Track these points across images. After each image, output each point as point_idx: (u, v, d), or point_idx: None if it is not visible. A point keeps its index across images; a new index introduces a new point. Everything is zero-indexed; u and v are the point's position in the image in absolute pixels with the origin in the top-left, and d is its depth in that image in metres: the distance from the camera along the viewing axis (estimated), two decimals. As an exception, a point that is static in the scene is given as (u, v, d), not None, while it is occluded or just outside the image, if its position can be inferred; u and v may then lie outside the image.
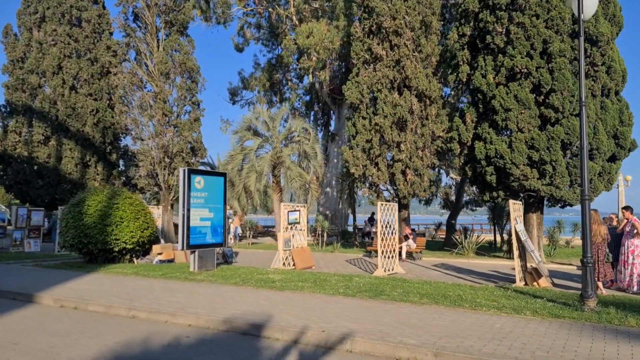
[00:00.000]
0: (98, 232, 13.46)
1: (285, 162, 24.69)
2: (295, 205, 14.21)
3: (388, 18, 16.92)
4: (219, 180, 13.12)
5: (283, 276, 11.33)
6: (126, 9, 24.40)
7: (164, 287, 9.98)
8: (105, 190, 14.35)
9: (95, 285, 10.25)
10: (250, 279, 10.77)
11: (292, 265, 13.81)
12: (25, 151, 26.12)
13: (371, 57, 17.81)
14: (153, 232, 14.88)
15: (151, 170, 23.28)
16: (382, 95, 16.85)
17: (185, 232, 11.90)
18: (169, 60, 24.11)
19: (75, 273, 12.16)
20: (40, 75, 27.20)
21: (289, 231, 13.76)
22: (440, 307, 7.64)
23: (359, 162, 17.30)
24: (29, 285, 10.14)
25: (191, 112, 25.06)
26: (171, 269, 12.87)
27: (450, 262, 16.27)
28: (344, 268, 14.48)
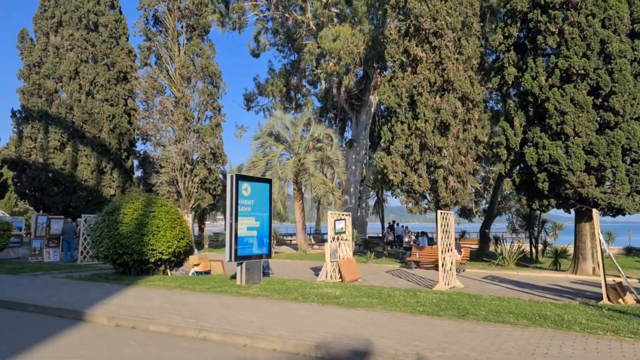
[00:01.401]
0: (134, 242, 12.70)
1: (309, 168, 24.00)
2: (341, 214, 13.50)
3: (428, 19, 16.36)
4: (265, 187, 12.40)
5: (341, 291, 10.58)
6: (147, 13, 23.91)
7: (221, 303, 9.22)
8: (141, 198, 13.61)
9: (145, 300, 9.49)
10: (308, 294, 10.02)
11: (339, 277, 13.07)
12: (40, 157, 25.40)
13: (408, 60, 17.23)
14: (189, 242, 14.13)
15: (173, 177, 22.57)
16: (423, 98, 16.24)
17: (233, 243, 11.15)
18: (190, 65, 23.53)
19: (115, 286, 11.39)
20: (57, 80, 26.56)
21: (335, 241, 13.02)
22: (549, 330, 6.90)
23: (397, 168, 16.64)
24: (72, 301, 9.37)
25: (212, 117, 24.44)
26: (214, 281, 12.10)
27: (498, 274, 15.53)
28: (393, 281, 13.75)
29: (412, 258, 17.04)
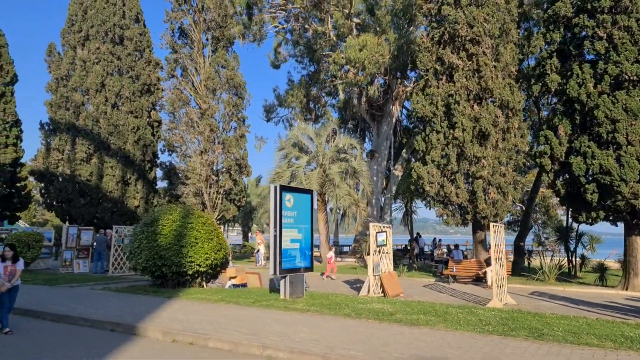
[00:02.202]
0: (173, 253, 12.44)
1: (334, 179, 23.66)
2: (382, 226, 13.10)
3: (464, 26, 16.07)
4: (307, 198, 12.10)
5: (392, 306, 10.15)
6: (174, 26, 24.01)
7: (273, 318, 8.85)
8: (179, 209, 13.39)
9: (193, 314, 9.16)
10: (360, 310, 9.62)
11: (381, 292, 12.62)
12: (67, 169, 25.45)
13: (443, 68, 16.92)
14: (226, 254, 13.83)
15: (199, 188, 22.39)
16: (460, 107, 15.87)
17: (277, 256, 10.82)
18: (216, 77, 23.50)
19: (156, 299, 11.09)
20: (84, 93, 26.75)
21: (377, 255, 12.61)
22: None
23: (433, 179, 16.22)
24: (120, 314, 9.09)
25: (237, 128, 24.32)
26: (256, 295, 11.75)
27: (543, 289, 14.92)
28: (436, 296, 13.25)
29: (449, 272, 16.51)
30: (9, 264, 7.59)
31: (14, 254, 7.66)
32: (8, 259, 7.58)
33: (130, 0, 29.23)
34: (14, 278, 7.64)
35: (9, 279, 7.55)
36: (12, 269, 7.59)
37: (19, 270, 7.80)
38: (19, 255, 7.91)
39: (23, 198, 38.29)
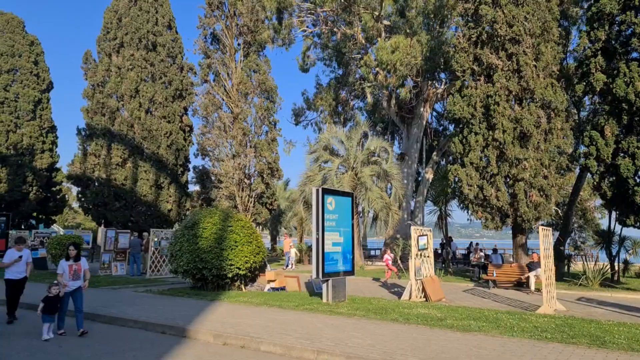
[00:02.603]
0: (214, 256, 12.53)
1: (367, 182, 23.49)
2: (423, 229, 12.89)
3: (504, 25, 15.73)
4: (348, 200, 12.02)
5: (439, 312, 9.94)
6: (206, 32, 24.36)
7: (322, 322, 8.77)
8: (218, 212, 13.50)
9: (240, 317, 9.17)
10: (408, 315, 9.45)
11: (422, 296, 12.39)
12: (103, 173, 26.10)
13: (481, 68, 16.60)
14: (264, 257, 13.86)
15: (232, 191, 22.59)
16: (500, 108, 15.51)
17: (320, 259, 10.76)
18: (248, 81, 23.71)
19: (200, 302, 11.17)
20: (119, 98, 27.43)
21: (419, 258, 12.40)
22: None
23: (472, 181, 15.89)
24: (169, 317, 9.17)
25: (268, 132, 24.46)
26: (297, 298, 11.72)
27: (590, 295, 14.38)
28: (479, 301, 12.92)
29: (489, 277, 16.11)
30: (73, 263, 7.60)
31: (78, 252, 7.70)
32: (72, 258, 7.61)
33: (162, 8, 29.90)
34: (78, 277, 7.64)
35: (73, 278, 7.57)
36: (77, 267, 7.61)
37: (85, 268, 7.78)
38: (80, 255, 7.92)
39: (58, 202, 39.60)
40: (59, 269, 7.68)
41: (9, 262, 8.54)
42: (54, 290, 7.28)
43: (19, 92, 35.49)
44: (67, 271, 7.53)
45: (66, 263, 7.60)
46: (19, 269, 8.69)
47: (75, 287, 7.69)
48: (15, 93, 35.30)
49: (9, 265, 8.54)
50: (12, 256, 8.68)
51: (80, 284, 7.76)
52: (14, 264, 8.58)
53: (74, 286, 7.67)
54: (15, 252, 8.71)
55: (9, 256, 8.66)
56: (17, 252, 8.71)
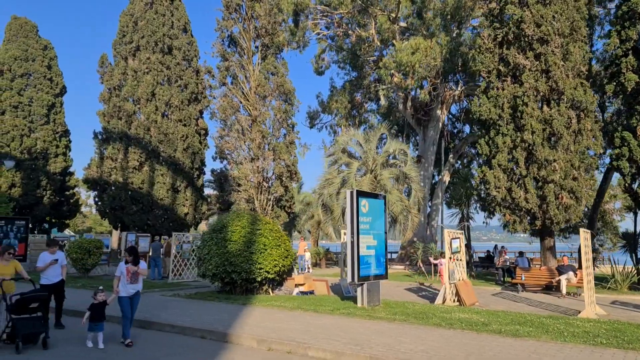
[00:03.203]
0: (243, 260, 12.37)
1: (386, 185, 23.26)
2: (455, 232, 12.65)
3: (531, 25, 15.51)
4: (381, 203, 11.82)
5: (479, 316, 9.70)
6: (224, 34, 24.30)
7: (363, 326, 8.56)
8: (246, 215, 13.35)
9: (279, 322, 8.97)
10: (450, 320, 9.21)
11: (456, 300, 12.14)
12: (120, 177, 26.09)
13: (507, 69, 16.37)
14: (293, 260, 13.68)
15: (251, 194, 22.46)
16: (529, 109, 15.27)
17: (355, 263, 10.55)
18: (266, 83, 23.62)
19: (232, 306, 10.99)
20: (135, 102, 27.47)
21: (452, 262, 12.16)
22: None
23: (500, 183, 15.63)
24: (206, 321, 9.00)
25: (286, 135, 24.33)
26: (329, 302, 11.50)
27: (623, 299, 14.05)
28: (513, 305, 12.65)
29: (518, 280, 15.82)
30: (131, 266, 7.28)
31: (135, 257, 7.32)
32: (129, 263, 7.29)
33: (178, 11, 30.00)
34: (137, 281, 7.30)
35: (132, 281, 7.24)
36: (136, 270, 7.26)
37: (143, 269, 7.40)
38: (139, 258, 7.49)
39: (71, 206, 39.72)
40: (117, 271, 7.35)
41: (44, 266, 8.23)
42: (99, 297, 7.00)
43: (32, 96, 35.69)
44: (124, 273, 7.22)
45: (124, 265, 7.26)
46: (55, 272, 8.41)
47: (134, 291, 7.32)
48: (29, 97, 35.50)
49: (44, 269, 8.23)
50: (47, 259, 8.33)
51: (139, 288, 7.38)
52: (49, 267, 8.29)
53: (133, 290, 7.32)
54: (49, 255, 8.38)
55: (43, 259, 8.33)
56: (50, 255, 8.39)
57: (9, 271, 7.26)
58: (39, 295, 7.05)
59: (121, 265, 7.32)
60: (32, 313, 6.94)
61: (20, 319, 6.74)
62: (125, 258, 7.27)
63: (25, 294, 6.89)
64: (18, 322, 6.69)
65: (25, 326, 6.67)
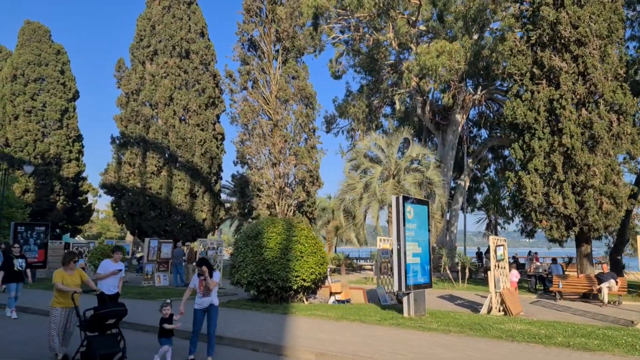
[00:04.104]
0: (280, 267, 11.99)
1: (410, 190, 22.87)
2: (499, 239, 12.24)
3: (567, 26, 15.16)
4: (424, 209, 11.44)
5: (536, 328, 9.27)
6: (245, 38, 24.04)
7: (420, 338, 8.16)
8: (281, 221, 12.99)
9: (330, 333, 8.58)
10: (507, 331, 8.79)
11: (501, 310, 11.71)
12: (138, 182, 25.79)
13: (541, 72, 16.01)
14: (327, 268, 13.28)
15: (272, 200, 22.09)
16: (567, 112, 14.88)
17: (402, 271, 10.16)
18: (288, 87, 23.30)
19: (273, 315, 10.62)
20: (153, 106, 27.21)
21: (497, 269, 11.74)
22: None
23: (537, 188, 15.22)
24: (255, 332, 8.63)
25: (308, 139, 23.97)
26: (371, 311, 11.11)
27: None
28: (560, 315, 12.21)
29: (555, 288, 15.36)
30: (204, 278, 6.71)
31: (209, 269, 6.69)
32: (202, 276, 6.68)
33: (195, 15, 29.81)
34: (209, 293, 6.72)
35: (204, 294, 6.69)
36: (209, 282, 6.67)
37: (216, 281, 6.81)
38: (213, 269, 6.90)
39: (84, 211, 39.45)
40: (191, 283, 6.89)
41: (105, 274, 7.81)
42: (165, 310, 6.50)
43: (45, 101, 35.58)
44: (197, 285, 6.72)
45: (197, 278, 6.74)
46: (113, 283, 7.95)
47: (206, 304, 6.76)
48: (42, 102, 35.39)
49: (105, 277, 7.80)
50: (109, 268, 7.91)
51: (212, 300, 6.76)
52: (110, 276, 7.85)
53: (205, 303, 6.77)
54: (112, 264, 7.97)
55: (105, 267, 7.90)
56: (114, 264, 7.98)
57: (77, 281, 6.71)
58: (117, 311, 6.32)
59: (194, 278, 6.83)
60: (106, 330, 6.31)
61: (96, 337, 6.09)
62: (198, 270, 6.71)
63: (101, 309, 6.24)
64: (94, 340, 6.03)
65: (102, 345, 6.01)
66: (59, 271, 6.68)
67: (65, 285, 6.50)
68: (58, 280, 6.53)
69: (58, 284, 6.49)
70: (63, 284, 6.50)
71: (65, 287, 6.48)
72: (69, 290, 6.48)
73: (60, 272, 6.67)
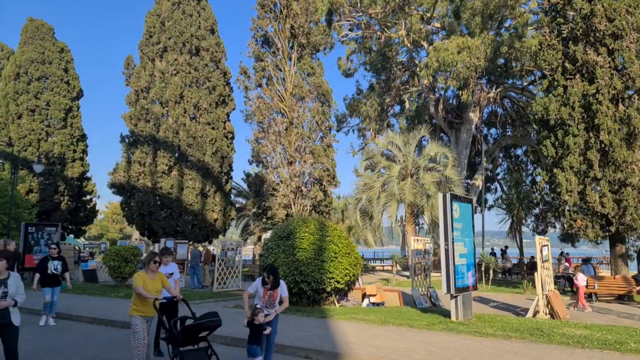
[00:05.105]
0: (314, 269, 11.42)
1: (430, 189, 22.34)
2: (544, 239, 11.71)
3: (603, 19, 14.67)
4: (468, 208, 10.90)
5: (598, 333, 8.74)
6: (259, 34, 23.50)
7: (485, 345, 7.60)
8: (313, 221, 12.42)
9: (381, 339, 8.01)
10: (572, 337, 8.25)
11: (547, 313, 11.18)
12: (149, 182, 25.14)
13: (574, 66, 15.52)
14: (360, 269, 12.73)
15: (289, 199, 21.52)
16: (604, 107, 14.39)
17: (451, 272, 9.62)
18: (304, 84, 22.76)
19: (310, 319, 10.05)
20: (164, 104, 26.58)
21: (544, 271, 11.21)
22: None
23: (572, 186, 14.71)
24: (300, 338, 8.05)
25: (323, 137, 23.41)
26: (413, 315, 10.55)
27: None
28: (607, 319, 11.69)
29: (591, 289, 14.84)
30: (270, 288, 5.98)
31: (275, 278, 5.97)
32: (268, 284, 5.95)
33: (205, 11, 29.21)
34: (273, 305, 5.97)
35: (267, 305, 5.91)
36: (274, 294, 5.96)
37: (284, 296, 6.05)
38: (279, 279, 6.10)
39: (89, 212, 38.71)
40: (250, 287, 6.12)
41: None
42: (260, 317, 5.66)
43: (49, 100, 34.83)
44: (261, 295, 5.97)
45: (262, 287, 6.00)
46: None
47: (270, 316, 5.96)
48: (45, 101, 34.65)
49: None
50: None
51: (272, 313, 5.97)
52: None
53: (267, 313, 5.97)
54: (162, 268, 7.10)
55: None
56: (163, 267, 7.07)
57: (158, 287, 5.80)
58: (213, 322, 5.45)
59: (258, 283, 6.03)
60: (196, 343, 5.53)
61: (188, 352, 5.35)
62: (264, 278, 5.96)
63: (198, 320, 5.45)
64: (186, 355, 5.29)
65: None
66: (141, 274, 5.80)
67: (146, 290, 5.62)
68: (139, 284, 5.61)
69: (139, 287, 5.57)
70: (144, 289, 5.62)
71: (146, 292, 5.58)
72: (150, 298, 5.59)
73: (142, 275, 5.80)
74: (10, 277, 5.26)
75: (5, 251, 5.56)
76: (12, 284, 5.21)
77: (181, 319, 5.64)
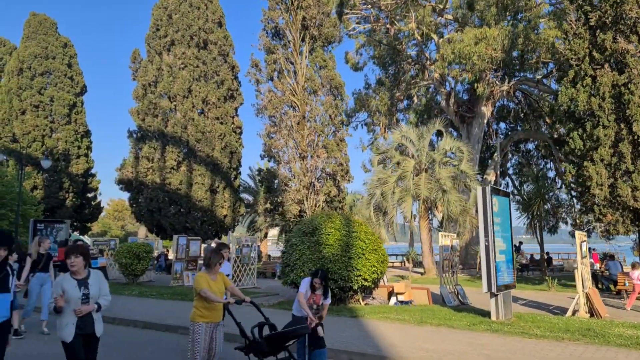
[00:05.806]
0: (341, 266, 10.91)
1: (446, 184, 21.82)
2: (582, 234, 11.20)
3: (634, 6, 14.12)
4: (506, 202, 10.39)
5: (656, 331, 8.24)
6: (270, 26, 22.93)
7: (537, 348, 7.09)
8: (339, 216, 11.92)
9: (426, 341, 7.50)
10: (631, 339, 7.75)
11: (587, 311, 10.67)
12: (157, 178, 24.62)
13: (602, 56, 14.97)
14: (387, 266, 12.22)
15: (302, 194, 21.01)
16: (636, 97, 13.85)
17: (492, 269, 9.10)
18: (316, 77, 22.21)
19: (339, 318, 9.53)
20: (172, 99, 26.02)
21: (582, 267, 10.70)
22: None
23: (602, 180, 14.19)
24: (338, 340, 7.55)
25: (336, 131, 22.89)
26: (448, 314, 10.05)
27: None
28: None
29: (621, 287, 14.36)
30: (313, 293, 5.50)
31: (325, 287, 5.47)
32: (318, 290, 5.44)
33: (212, 4, 28.62)
34: (319, 311, 5.51)
35: (314, 311, 5.42)
36: (316, 298, 5.47)
37: (326, 304, 5.59)
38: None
39: (94, 209, 38.18)
40: (301, 287, 5.60)
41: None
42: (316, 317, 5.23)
43: (53, 95, 34.24)
44: (307, 298, 5.47)
45: (310, 291, 5.49)
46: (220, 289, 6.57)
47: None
48: (49, 96, 34.07)
49: None
50: None
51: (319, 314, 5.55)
52: None
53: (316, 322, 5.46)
54: None
55: None
56: None
57: (221, 288, 5.13)
58: (301, 329, 4.96)
59: (306, 284, 5.50)
60: (278, 353, 4.93)
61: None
62: (315, 283, 5.40)
63: (287, 328, 4.97)
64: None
65: None
66: (203, 275, 5.05)
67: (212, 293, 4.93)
68: (204, 286, 4.89)
69: (205, 290, 4.86)
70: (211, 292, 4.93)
71: (214, 295, 4.88)
72: (221, 301, 4.94)
73: (205, 276, 5.04)
74: (90, 275, 4.34)
75: (80, 246, 4.45)
76: (93, 284, 4.29)
77: (259, 325, 5.06)
